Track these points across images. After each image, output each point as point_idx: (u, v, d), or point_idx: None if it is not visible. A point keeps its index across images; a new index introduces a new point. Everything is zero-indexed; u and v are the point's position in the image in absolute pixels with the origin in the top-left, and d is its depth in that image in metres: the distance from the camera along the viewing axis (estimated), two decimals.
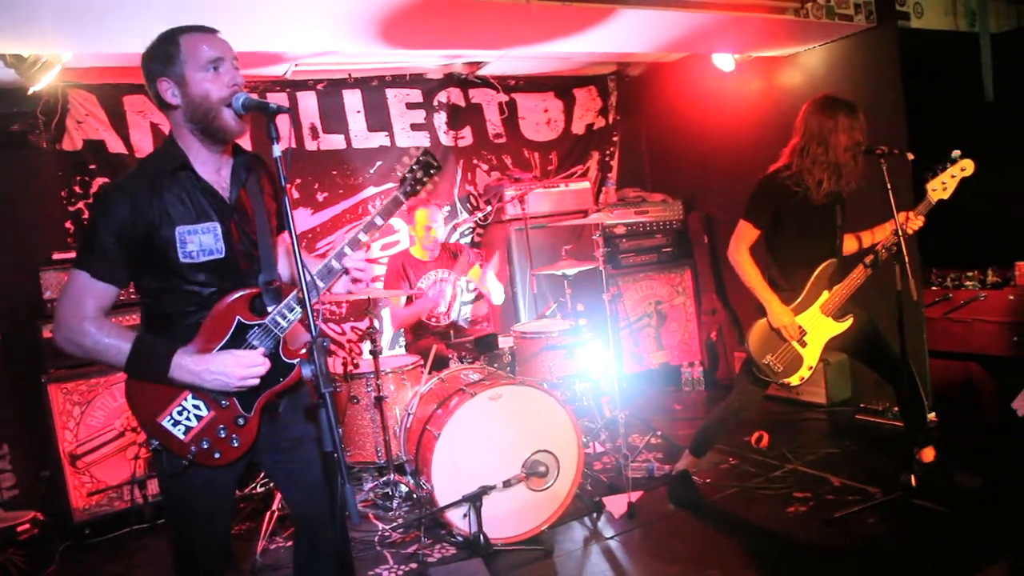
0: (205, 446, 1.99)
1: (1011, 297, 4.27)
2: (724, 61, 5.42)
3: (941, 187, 3.35)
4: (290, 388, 2.12)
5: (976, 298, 4.41)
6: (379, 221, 2.17)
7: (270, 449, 2.19)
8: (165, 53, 1.94)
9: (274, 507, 3.77)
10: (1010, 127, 4.63)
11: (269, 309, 2.06)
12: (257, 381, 2.00)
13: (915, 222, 3.38)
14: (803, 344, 3.47)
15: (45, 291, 4.13)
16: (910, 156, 3.28)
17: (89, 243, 1.92)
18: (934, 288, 4.66)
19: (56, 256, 4.26)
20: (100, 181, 4.70)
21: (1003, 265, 4.47)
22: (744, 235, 3.48)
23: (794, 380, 3.53)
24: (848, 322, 3.51)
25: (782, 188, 3.34)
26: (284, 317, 2.05)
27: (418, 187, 2.31)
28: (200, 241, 1.97)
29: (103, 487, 4.15)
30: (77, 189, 4.71)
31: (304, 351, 2.04)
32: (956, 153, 3.37)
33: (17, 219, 4.44)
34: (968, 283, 4.55)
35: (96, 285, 1.92)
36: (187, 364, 1.94)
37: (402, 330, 5.11)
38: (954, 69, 4.97)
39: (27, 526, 3.77)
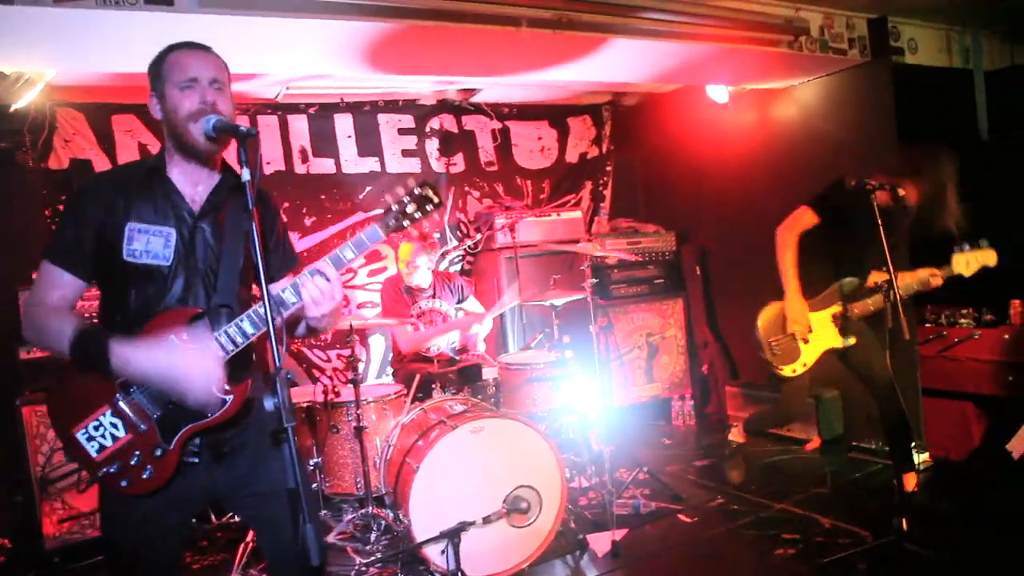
0: (114, 470, 1.90)
1: (1006, 336, 4.21)
2: (718, 93, 5.40)
3: (965, 264, 3.45)
4: (229, 425, 1.99)
5: (971, 336, 4.34)
6: (348, 254, 2.01)
7: (232, 496, 2.10)
8: (155, 70, 2.00)
9: (248, 539, 3.66)
10: (1005, 164, 4.60)
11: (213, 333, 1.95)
12: (219, 393, 1.89)
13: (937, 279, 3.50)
14: (805, 340, 3.62)
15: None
16: (902, 192, 3.23)
17: (54, 234, 2.01)
18: (928, 325, 4.60)
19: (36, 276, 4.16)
20: None
21: (997, 303, 4.41)
22: (800, 219, 3.57)
23: (786, 371, 3.67)
24: (851, 341, 3.59)
25: (860, 197, 3.16)
26: (223, 346, 1.92)
27: (404, 222, 2.04)
28: (148, 242, 1.93)
29: (75, 514, 4.02)
30: (61, 208, 4.64)
31: (230, 387, 1.94)
32: (984, 241, 3.49)
33: None
34: (962, 320, 4.49)
35: (55, 272, 1.94)
36: (127, 349, 1.83)
37: (390, 357, 5.02)
38: (948, 105, 4.97)
39: None
